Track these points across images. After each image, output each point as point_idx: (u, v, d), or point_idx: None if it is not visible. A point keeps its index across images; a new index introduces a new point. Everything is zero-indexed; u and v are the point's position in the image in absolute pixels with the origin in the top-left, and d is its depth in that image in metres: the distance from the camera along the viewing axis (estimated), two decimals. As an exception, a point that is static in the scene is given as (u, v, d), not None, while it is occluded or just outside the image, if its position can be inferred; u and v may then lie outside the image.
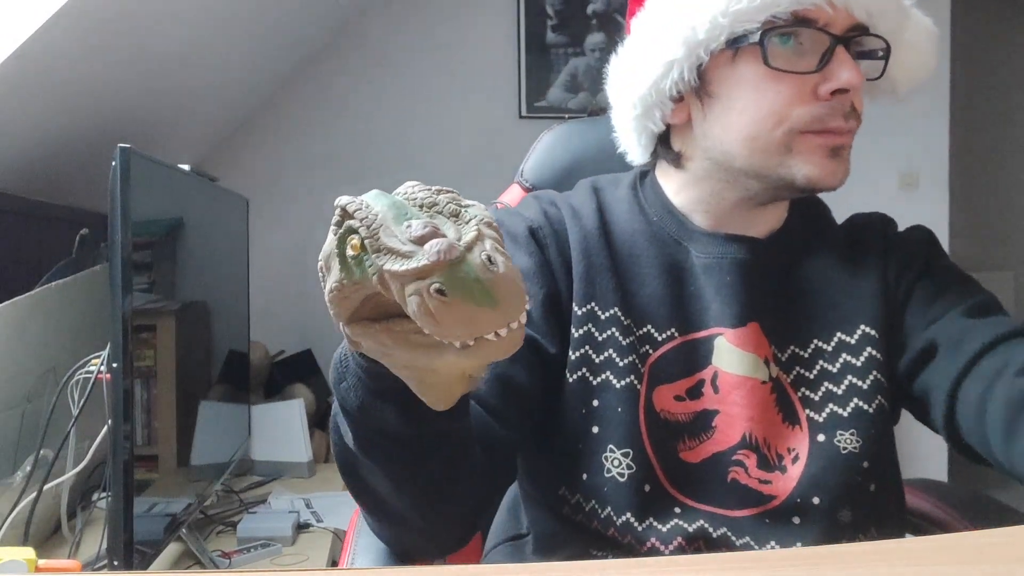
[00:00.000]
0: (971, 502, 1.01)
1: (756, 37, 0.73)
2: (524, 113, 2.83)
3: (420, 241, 0.42)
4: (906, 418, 0.84)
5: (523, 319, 0.43)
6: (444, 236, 0.42)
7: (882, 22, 0.75)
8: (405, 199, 0.45)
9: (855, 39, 0.75)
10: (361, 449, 0.61)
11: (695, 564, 0.53)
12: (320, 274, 0.48)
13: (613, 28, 2.88)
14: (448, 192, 0.46)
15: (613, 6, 2.87)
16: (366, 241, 0.43)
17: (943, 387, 0.74)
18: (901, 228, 0.87)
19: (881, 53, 0.77)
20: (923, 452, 2.80)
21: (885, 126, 2.75)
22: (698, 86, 0.77)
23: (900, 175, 2.93)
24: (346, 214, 0.45)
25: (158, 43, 1.77)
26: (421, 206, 0.44)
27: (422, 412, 0.54)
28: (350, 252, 0.44)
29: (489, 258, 0.41)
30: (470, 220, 0.44)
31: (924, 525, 1.00)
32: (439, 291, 0.41)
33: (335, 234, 0.45)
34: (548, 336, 0.78)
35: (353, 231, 0.44)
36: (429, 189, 0.46)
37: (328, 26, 2.73)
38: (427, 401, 0.51)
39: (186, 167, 1.51)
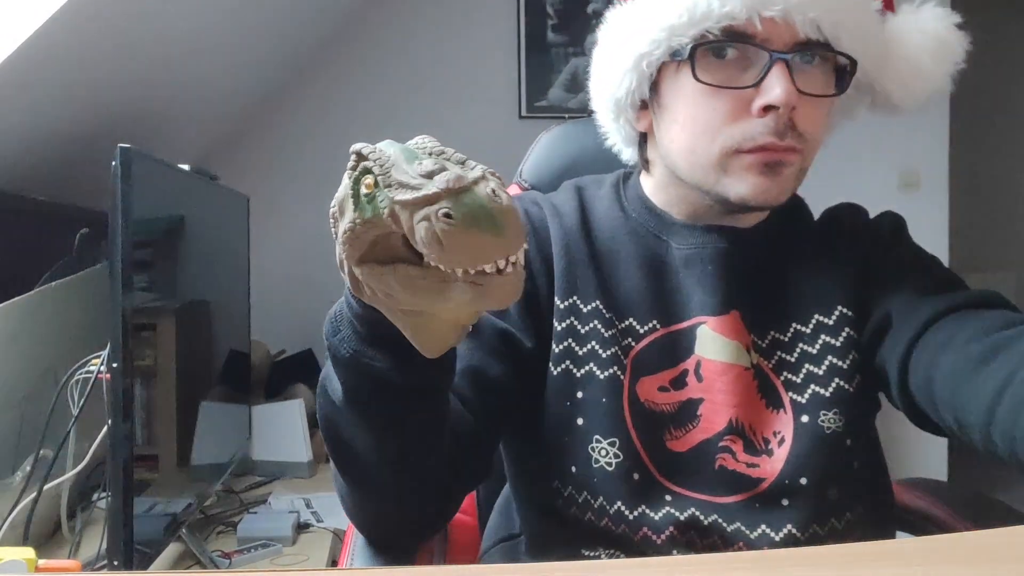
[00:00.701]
0: (971, 502, 1.01)
1: (687, 52, 0.73)
2: (524, 113, 2.83)
3: (430, 176, 0.45)
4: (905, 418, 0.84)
5: (522, 257, 0.47)
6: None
7: (844, 36, 0.74)
8: (416, 148, 0.49)
9: (820, 55, 0.74)
10: (348, 400, 0.62)
11: (696, 564, 0.53)
12: (332, 220, 0.52)
13: (613, 28, 2.88)
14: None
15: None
16: (379, 177, 0.47)
17: (895, 358, 0.75)
18: (846, 204, 0.89)
19: (849, 67, 0.76)
20: (923, 452, 2.80)
21: (885, 126, 2.74)
22: (651, 96, 0.80)
23: (900, 175, 2.93)
24: (361, 157, 0.48)
25: (158, 43, 1.77)
26: (431, 153, 0.48)
27: (412, 361, 0.58)
28: (364, 190, 0.48)
29: (494, 191, 0.45)
30: (475, 167, 0.47)
31: (924, 525, 1.00)
32: (447, 215, 0.44)
33: (350, 177, 0.49)
34: (524, 330, 0.80)
35: (368, 171, 0.48)
36: (432, 139, 0.49)
37: (328, 25, 2.73)
38: (420, 347, 0.55)
39: (186, 166, 1.51)
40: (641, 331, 0.80)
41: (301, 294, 2.71)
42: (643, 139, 0.86)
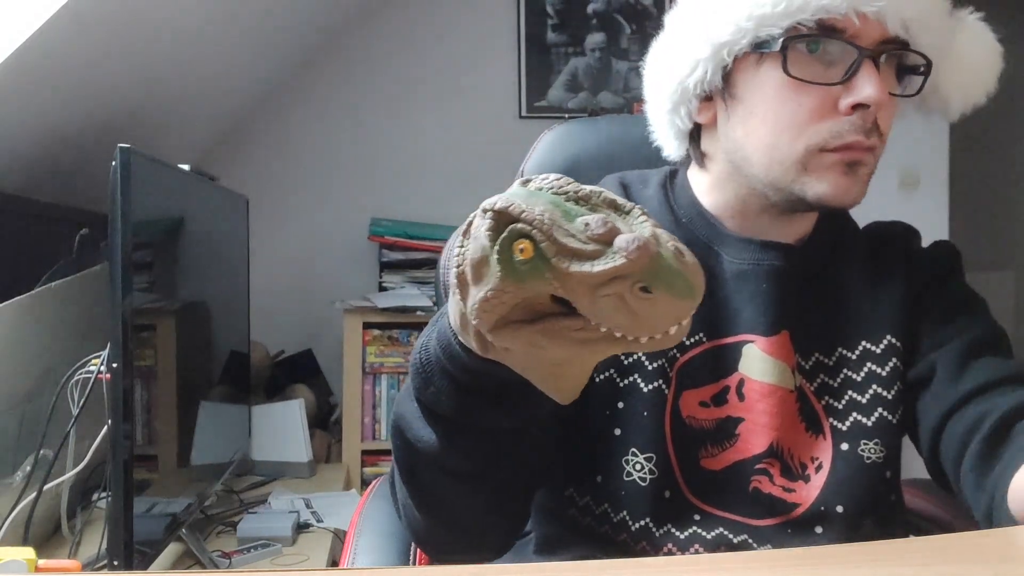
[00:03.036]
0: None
1: (779, 44, 0.71)
2: (524, 113, 2.83)
3: (603, 239, 0.41)
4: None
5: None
6: (621, 232, 0.41)
7: (924, 36, 0.73)
8: (554, 193, 0.43)
9: (892, 53, 0.73)
10: (445, 451, 0.60)
11: (695, 564, 0.53)
12: (455, 283, 0.46)
13: (613, 28, 2.88)
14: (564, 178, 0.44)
15: (613, 6, 2.87)
16: (542, 245, 0.41)
17: (929, 422, 0.76)
18: (899, 225, 0.87)
19: (922, 68, 0.74)
20: (923, 452, 2.80)
21: (885, 126, 2.75)
22: (723, 87, 0.77)
23: (900, 175, 2.93)
24: (504, 216, 0.42)
25: (158, 43, 1.77)
26: (576, 200, 0.43)
27: (516, 403, 0.57)
28: (518, 257, 0.42)
29: (677, 248, 0.41)
30: (630, 211, 0.43)
31: (924, 525, 0.99)
32: (644, 289, 0.40)
33: (491, 239, 0.43)
34: None
35: (523, 235, 0.42)
36: (568, 180, 0.44)
37: (328, 26, 2.73)
38: (556, 394, 0.51)
39: (186, 167, 1.51)
40: (687, 343, 0.78)
41: (301, 294, 2.71)
42: (695, 132, 0.82)
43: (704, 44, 0.75)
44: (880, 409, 0.77)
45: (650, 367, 0.77)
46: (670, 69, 0.79)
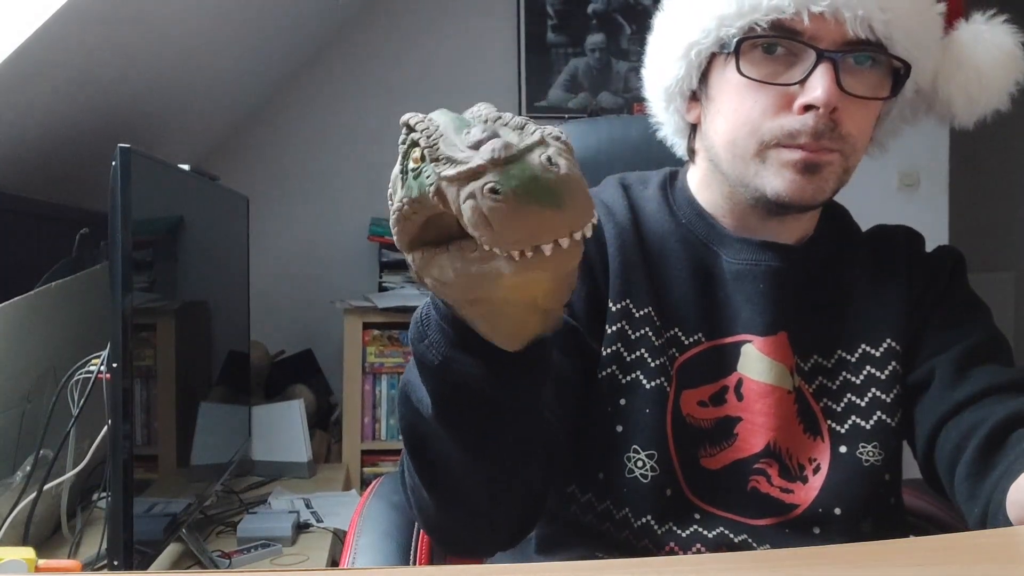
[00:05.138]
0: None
1: (733, 44, 0.72)
2: (524, 113, 2.84)
3: (477, 146, 0.40)
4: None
5: (588, 231, 0.41)
6: (501, 140, 0.41)
7: (901, 38, 0.72)
8: (472, 116, 0.44)
9: (869, 55, 0.72)
10: (438, 413, 0.57)
11: (694, 564, 0.53)
12: (389, 203, 0.47)
13: (613, 28, 2.88)
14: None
15: (613, 6, 2.87)
16: (425, 151, 0.42)
17: (925, 427, 0.76)
18: (903, 229, 0.87)
19: (903, 71, 0.74)
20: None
21: (885, 126, 2.75)
22: (700, 87, 0.78)
23: (900, 175, 2.93)
24: (410, 129, 0.44)
25: (158, 43, 1.77)
26: (485, 120, 0.43)
27: (506, 367, 0.54)
28: (411, 165, 0.43)
29: (550, 159, 0.40)
30: (535, 132, 0.42)
31: (924, 525, 0.99)
32: (492, 190, 0.39)
33: (401, 152, 0.44)
34: (592, 333, 0.77)
35: (416, 144, 0.43)
36: (495, 109, 0.44)
37: (328, 26, 2.73)
38: (497, 340, 0.49)
39: (186, 166, 1.51)
40: (686, 342, 0.78)
41: (301, 294, 2.71)
42: (693, 131, 0.84)
43: (679, 44, 0.77)
44: (879, 412, 0.77)
45: (653, 364, 0.77)
46: (659, 70, 0.81)
